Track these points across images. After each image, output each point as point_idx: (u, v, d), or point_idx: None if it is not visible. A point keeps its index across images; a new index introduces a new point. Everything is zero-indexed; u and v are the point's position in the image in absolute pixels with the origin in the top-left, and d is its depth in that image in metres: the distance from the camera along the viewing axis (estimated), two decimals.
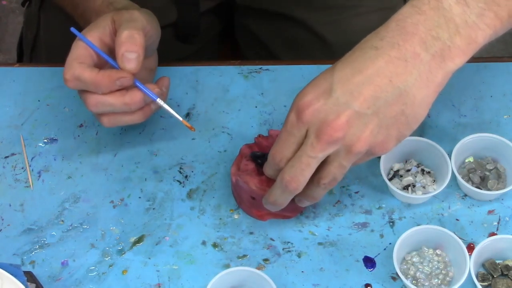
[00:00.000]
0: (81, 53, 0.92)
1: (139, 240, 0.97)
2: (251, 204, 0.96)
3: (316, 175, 0.85)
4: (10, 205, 1.00)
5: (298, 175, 0.84)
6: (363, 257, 0.95)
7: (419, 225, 0.96)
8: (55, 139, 1.05)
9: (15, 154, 1.03)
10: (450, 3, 0.81)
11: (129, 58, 0.90)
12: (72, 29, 0.93)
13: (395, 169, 1.00)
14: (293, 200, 0.94)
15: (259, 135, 0.97)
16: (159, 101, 0.94)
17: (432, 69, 0.81)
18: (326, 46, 1.21)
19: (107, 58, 0.92)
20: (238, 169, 0.95)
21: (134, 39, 0.90)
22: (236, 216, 0.98)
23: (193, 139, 1.04)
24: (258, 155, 0.94)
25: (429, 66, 0.80)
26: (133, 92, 0.92)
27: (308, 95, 0.82)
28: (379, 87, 0.80)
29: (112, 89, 0.91)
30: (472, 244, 0.95)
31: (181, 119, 0.94)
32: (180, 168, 1.02)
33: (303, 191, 0.87)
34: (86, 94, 0.92)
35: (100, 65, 0.93)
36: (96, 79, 0.90)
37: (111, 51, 0.93)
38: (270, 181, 0.92)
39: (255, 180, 0.93)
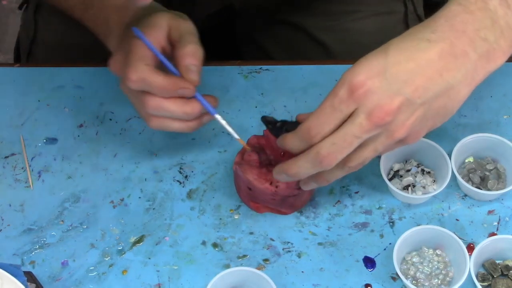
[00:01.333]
0: (145, 54, 0.91)
1: (139, 240, 0.97)
2: (248, 194, 0.96)
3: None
4: (10, 205, 1.00)
5: (337, 153, 0.83)
6: (363, 257, 0.95)
7: (419, 225, 0.96)
8: (55, 139, 1.05)
9: (15, 154, 1.04)
10: (495, 5, 0.83)
11: (192, 70, 0.91)
12: (134, 29, 0.91)
13: (395, 169, 1.00)
14: (290, 197, 0.94)
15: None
16: (217, 116, 0.93)
17: (477, 69, 0.83)
18: (325, 50, 1.21)
19: (167, 64, 0.92)
20: (242, 158, 0.95)
21: (197, 54, 0.92)
22: (236, 216, 0.98)
23: (193, 139, 1.04)
24: (269, 121, 0.92)
25: (475, 66, 0.83)
26: (194, 102, 0.92)
27: (362, 74, 0.81)
28: (430, 79, 0.82)
29: (172, 96, 0.91)
30: (472, 244, 0.95)
31: (237, 137, 0.94)
32: (180, 168, 1.02)
33: (319, 172, 0.87)
34: (147, 95, 0.91)
35: (156, 66, 0.93)
36: (163, 84, 0.90)
37: (165, 54, 0.93)
38: (268, 174, 0.93)
39: (254, 171, 0.93)
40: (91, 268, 0.95)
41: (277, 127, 0.91)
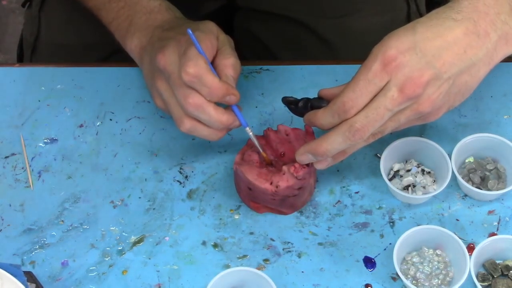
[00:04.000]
0: (206, 53, 0.92)
1: (139, 240, 0.97)
2: (248, 194, 0.96)
3: None
4: (10, 205, 1.00)
5: (369, 126, 0.85)
6: (363, 257, 0.95)
7: (419, 225, 0.96)
8: (55, 139, 1.05)
9: (15, 154, 1.04)
10: None
11: (233, 81, 0.92)
12: (189, 31, 0.90)
13: (395, 169, 1.00)
14: (290, 197, 0.94)
15: (268, 128, 0.97)
16: (248, 129, 0.94)
17: (497, 49, 0.87)
18: (327, 46, 1.21)
19: (212, 70, 0.92)
20: (242, 158, 0.95)
21: (237, 68, 0.94)
22: (236, 216, 0.98)
23: (193, 139, 1.04)
24: (291, 101, 0.94)
25: (495, 46, 0.87)
26: (230, 113, 0.93)
27: (393, 49, 0.84)
28: (456, 54, 0.85)
29: (216, 101, 0.91)
30: (472, 244, 0.95)
31: (261, 150, 0.95)
32: (180, 168, 1.02)
33: None
34: (192, 92, 0.91)
35: None
36: (216, 85, 0.90)
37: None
38: (268, 175, 0.93)
39: (254, 171, 0.93)
40: (91, 268, 0.95)
41: (301, 106, 0.92)
